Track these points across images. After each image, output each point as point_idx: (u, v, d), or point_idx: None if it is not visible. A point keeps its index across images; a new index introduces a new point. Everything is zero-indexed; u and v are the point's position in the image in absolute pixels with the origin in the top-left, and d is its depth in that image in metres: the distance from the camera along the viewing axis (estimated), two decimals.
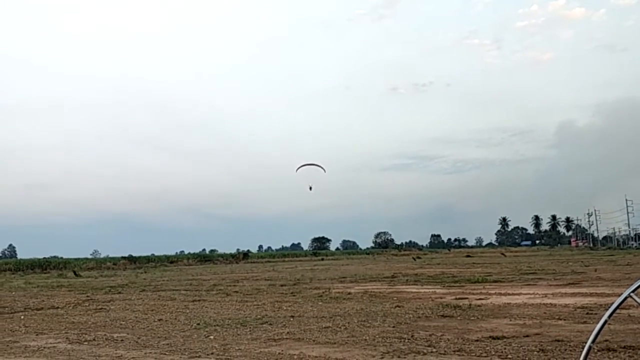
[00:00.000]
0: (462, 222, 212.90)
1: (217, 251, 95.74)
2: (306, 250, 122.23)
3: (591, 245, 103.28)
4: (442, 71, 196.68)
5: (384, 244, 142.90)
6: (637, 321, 8.57)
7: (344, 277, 23.96)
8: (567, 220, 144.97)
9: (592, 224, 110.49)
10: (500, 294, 14.06)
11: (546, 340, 7.39)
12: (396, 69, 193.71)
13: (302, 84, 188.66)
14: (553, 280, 18.08)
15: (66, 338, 9.28)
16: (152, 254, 69.69)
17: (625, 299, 2.41)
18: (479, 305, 11.55)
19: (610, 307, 2.45)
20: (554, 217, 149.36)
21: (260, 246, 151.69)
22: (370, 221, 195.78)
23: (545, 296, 13.10)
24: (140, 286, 22.36)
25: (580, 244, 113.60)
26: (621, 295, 2.42)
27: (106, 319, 11.62)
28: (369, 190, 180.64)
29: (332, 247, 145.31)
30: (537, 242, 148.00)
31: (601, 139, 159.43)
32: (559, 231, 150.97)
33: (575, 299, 12.16)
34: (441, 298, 13.42)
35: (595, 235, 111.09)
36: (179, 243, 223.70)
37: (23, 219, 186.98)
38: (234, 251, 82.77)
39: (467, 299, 12.84)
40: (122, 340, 8.78)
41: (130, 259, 59.38)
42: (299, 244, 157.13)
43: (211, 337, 8.76)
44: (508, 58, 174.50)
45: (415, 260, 49.61)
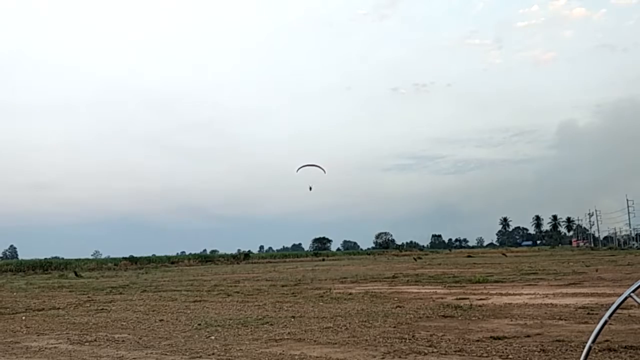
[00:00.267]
0: (463, 222, 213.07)
1: (218, 252, 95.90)
2: (307, 250, 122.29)
3: (592, 245, 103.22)
4: (442, 71, 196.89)
5: (384, 244, 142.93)
6: (638, 321, 8.56)
7: (344, 278, 23.97)
8: (568, 220, 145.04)
9: (593, 224, 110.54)
10: (501, 294, 14.06)
11: (547, 341, 7.40)
12: (397, 69, 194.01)
13: (303, 83, 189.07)
14: (554, 281, 18.07)
15: (67, 339, 9.29)
16: (153, 255, 69.75)
17: (625, 299, 2.41)
18: (479, 306, 11.55)
19: (610, 308, 2.46)
20: (554, 217, 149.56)
21: (261, 247, 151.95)
22: (371, 221, 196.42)
23: (546, 296, 13.10)
24: (141, 287, 22.39)
25: (581, 244, 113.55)
26: (621, 295, 2.42)
27: (107, 320, 11.64)
28: (370, 190, 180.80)
29: (333, 247, 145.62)
30: (538, 242, 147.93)
31: (602, 139, 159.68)
32: (560, 231, 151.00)
33: (576, 299, 12.16)
34: (442, 298, 13.42)
35: (596, 235, 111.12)
36: (180, 243, 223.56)
37: (24, 220, 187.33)
38: (235, 252, 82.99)
39: (468, 299, 12.83)
40: (123, 341, 8.80)
41: (132, 259, 59.47)
42: (299, 244, 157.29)
43: (212, 337, 8.77)
44: (509, 58, 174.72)
45: (416, 260, 49.60)
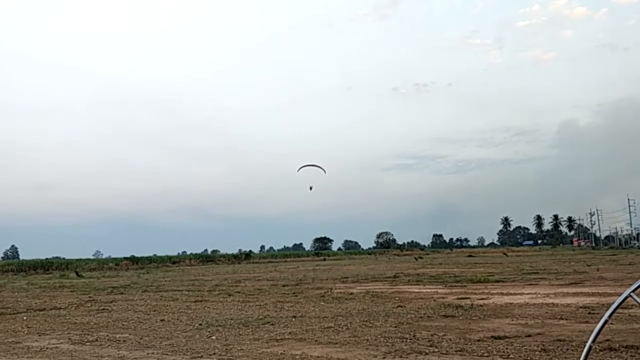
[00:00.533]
0: (464, 222, 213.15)
1: (219, 251, 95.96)
2: (308, 250, 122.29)
3: (593, 244, 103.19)
4: (443, 71, 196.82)
5: (385, 244, 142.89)
6: (638, 321, 8.56)
7: (345, 277, 23.96)
8: (569, 219, 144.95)
9: (594, 224, 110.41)
10: (502, 293, 14.05)
11: (548, 340, 7.40)
12: (398, 69, 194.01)
13: (304, 83, 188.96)
14: (555, 280, 18.06)
15: (68, 339, 9.30)
16: (154, 255, 69.84)
17: (626, 298, 2.42)
18: (481, 305, 11.55)
19: (611, 307, 2.46)
20: (556, 217, 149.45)
21: (262, 246, 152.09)
22: (372, 221, 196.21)
23: (547, 296, 13.10)
24: (142, 287, 22.40)
25: (583, 243, 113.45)
26: (621, 295, 2.42)
27: (108, 320, 11.65)
28: (371, 190, 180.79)
29: (334, 247, 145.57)
30: (539, 241, 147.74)
31: (603, 139, 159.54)
32: (561, 231, 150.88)
33: (577, 299, 12.15)
34: (443, 298, 13.42)
35: (598, 234, 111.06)
36: (181, 243, 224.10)
37: (25, 220, 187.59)
38: (236, 251, 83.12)
39: (469, 298, 12.83)
40: (124, 341, 8.81)
41: (133, 259, 59.53)
42: (301, 244, 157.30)
43: (213, 337, 8.77)
44: (509, 58, 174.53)
45: (417, 260, 49.57)
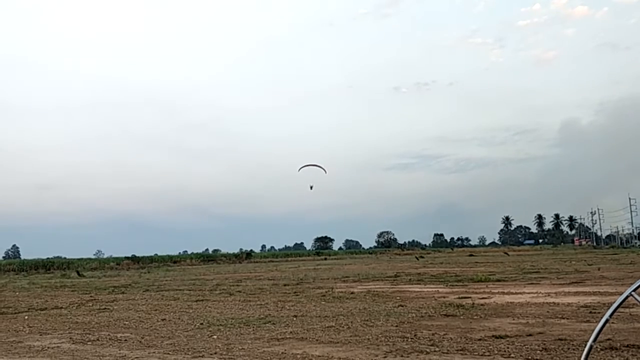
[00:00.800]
0: (465, 221, 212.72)
1: (220, 251, 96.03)
2: (309, 249, 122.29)
3: (594, 244, 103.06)
4: (444, 70, 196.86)
5: (386, 243, 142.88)
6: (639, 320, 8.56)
7: (346, 277, 23.97)
8: (571, 219, 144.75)
9: (595, 223, 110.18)
10: (503, 293, 14.04)
11: (549, 339, 7.39)
12: (399, 68, 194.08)
13: (304, 83, 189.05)
14: (556, 279, 18.06)
15: (70, 338, 9.32)
16: (155, 254, 70.03)
17: (627, 298, 2.41)
18: (482, 305, 11.55)
19: (612, 306, 2.46)
20: (557, 216, 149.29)
21: (263, 246, 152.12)
22: (373, 221, 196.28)
23: (549, 295, 13.09)
24: (143, 286, 22.43)
25: (584, 242, 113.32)
26: (622, 294, 2.42)
27: (110, 319, 11.66)
28: (372, 189, 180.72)
29: (335, 246, 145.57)
30: (540, 241, 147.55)
31: (604, 138, 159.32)
32: (562, 230, 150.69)
33: (579, 298, 12.15)
34: (444, 297, 13.42)
35: (599, 234, 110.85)
36: (182, 243, 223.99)
37: (26, 220, 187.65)
38: (237, 251, 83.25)
39: (470, 298, 12.83)
40: (125, 340, 8.82)
41: (134, 259, 59.64)
42: (301, 243, 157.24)
43: (214, 336, 8.78)
44: (511, 57, 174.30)
45: (418, 259, 49.57)
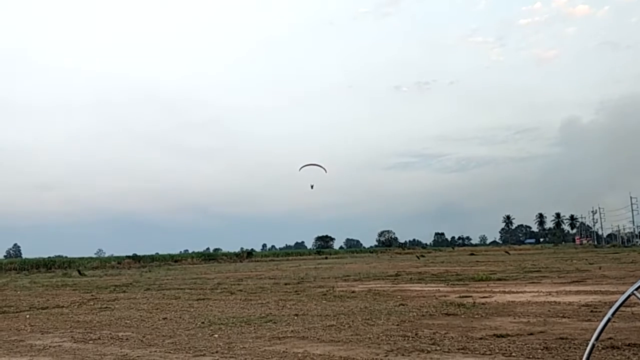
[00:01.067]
0: (466, 220, 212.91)
1: (221, 250, 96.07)
2: (310, 248, 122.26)
3: (595, 243, 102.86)
4: (445, 69, 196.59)
5: (387, 242, 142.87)
6: None
7: (347, 276, 23.97)
8: (572, 218, 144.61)
9: (596, 222, 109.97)
10: (505, 292, 14.03)
11: (550, 338, 7.39)
12: (399, 67, 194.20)
13: (305, 82, 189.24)
14: (557, 278, 18.04)
15: (71, 337, 9.32)
16: (157, 253, 70.20)
17: (629, 297, 2.41)
18: (483, 304, 11.54)
19: (614, 305, 2.46)
20: (558, 215, 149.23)
21: (264, 245, 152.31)
22: (373, 220, 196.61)
23: (550, 294, 13.08)
24: (144, 285, 22.44)
25: (585, 241, 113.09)
26: (624, 293, 2.42)
27: (111, 318, 11.67)
28: (373, 188, 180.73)
29: (336, 245, 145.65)
30: (541, 240, 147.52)
31: (605, 136, 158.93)
32: (563, 229, 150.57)
33: (580, 297, 12.14)
34: (445, 296, 13.42)
35: (600, 233, 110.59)
36: (183, 242, 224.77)
37: (28, 219, 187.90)
38: (238, 250, 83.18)
39: (471, 297, 12.82)
40: (127, 339, 8.82)
41: (135, 257, 59.68)
42: (302, 242, 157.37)
43: (216, 335, 8.79)
44: (511, 56, 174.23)
45: (419, 258, 49.55)
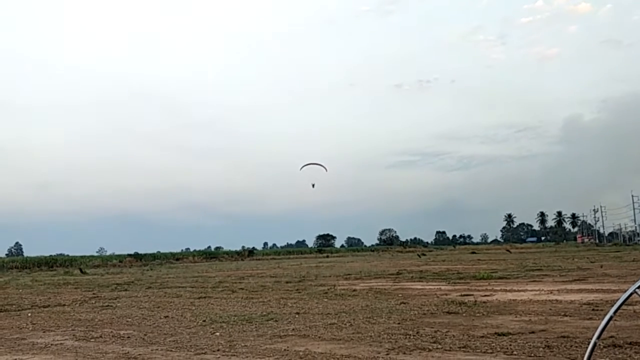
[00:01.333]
0: (467, 218, 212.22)
1: (222, 248, 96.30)
2: (311, 247, 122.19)
3: (597, 241, 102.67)
4: (446, 67, 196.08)
5: (388, 240, 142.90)
6: None
7: (349, 274, 23.97)
8: (573, 216, 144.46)
9: (598, 220, 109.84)
10: (506, 290, 14.02)
11: (552, 337, 7.38)
12: (400, 66, 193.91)
13: (306, 80, 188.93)
14: (559, 277, 18.02)
15: (73, 335, 9.34)
16: (158, 251, 70.18)
17: (631, 295, 2.41)
18: (484, 302, 11.54)
19: (615, 304, 2.45)
20: (559, 214, 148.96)
21: (266, 243, 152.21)
22: (375, 218, 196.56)
23: (551, 292, 13.07)
24: (146, 283, 22.46)
25: (586, 240, 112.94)
26: (626, 291, 2.42)
27: (112, 316, 11.68)
28: (374, 187, 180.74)
29: (337, 244, 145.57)
30: (542, 238, 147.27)
31: (607, 135, 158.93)
32: (564, 227, 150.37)
33: (581, 295, 12.13)
34: (446, 295, 13.41)
35: (601, 231, 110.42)
36: (185, 240, 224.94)
37: (29, 217, 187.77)
38: (239, 248, 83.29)
39: (472, 295, 12.81)
40: (128, 337, 8.83)
41: (136, 256, 59.80)
42: (304, 241, 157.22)
43: (217, 333, 8.79)
44: (513, 54, 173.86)
45: (420, 257, 49.54)
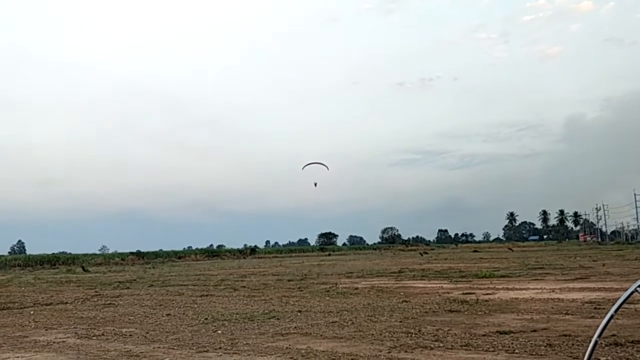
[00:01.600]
0: (470, 217, 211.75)
1: (224, 246, 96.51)
2: (313, 245, 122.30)
3: (599, 240, 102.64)
4: (449, 66, 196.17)
5: (390, 239, 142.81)
6: None
7: (350, 273, 23.99)
8: (575, 215, 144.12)
9: (600, 219, 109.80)
10: (508, 289, 14.03)
11: (553, 335, 7.38)
12: (403, 64, 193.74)
13: (309, 79, 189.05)
14: (561, 275, 18.02)
15: (75, 333, 9.36)
16: (160, 250, 70.37)
17: (632, 293, 2.41)
18: (486, 300, 11.54)
19: (617, 302, 2.45)
20: (561, 212, 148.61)
21: (268, 241, 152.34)
22: (377, 216, 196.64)
23: (553, 291, 13.07)
24: (148, 281, 22.51)
25: (589, 238, 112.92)
26: (627, 290, 2.41)
27: (115, 314, 11.71)
28: (376, 185, 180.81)
29: (339, 242, 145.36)
30: (544, 237, 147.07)
31: (610, 133, 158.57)
32: (566, 226, 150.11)
33: (583, 294, 12.12)
34: (448, 293, 13.41)
35: (604, 230, 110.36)
36: (187, 238, 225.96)
37: (32, 215, 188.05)
38: (241, 246, 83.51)
39: (474, 294, 12.82)
40: (130, 335, 8.85)
41: (138, 254, 59.96)
42: (306, 239, 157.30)
43: (219, 331, 8.81)
44: (515, 52, 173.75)
45: (422, 255, 49.55)
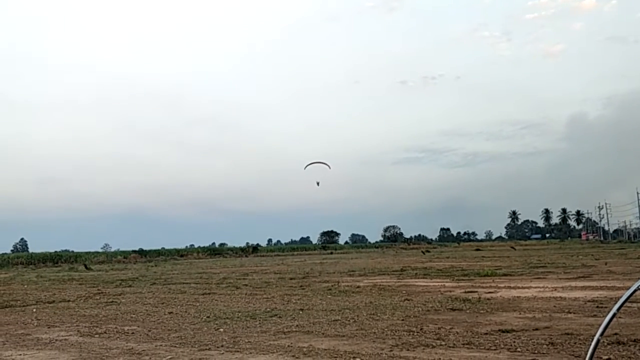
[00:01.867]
0: (472, 215, 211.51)
1: (226, 245, 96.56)
2: (315, 244, 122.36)
3: (602, 238, 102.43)
4: (451, 64, 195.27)
5: (393, 237, 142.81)
6: None
7: (352, 271, 24.00)
8: (578, 213, 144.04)
9: (602, 217, 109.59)
10: (510, 287, 14.02)
11: (556, 334, 7.37)
12: (405, 62, 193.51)
13: (310, 78, 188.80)
14: (563, 274, 17.99)
15: (77, 331, 9.38)
16: (163, 248, 70.39)
17: (634, 292, 2.40)
18: (488, 299, 11.53)
19: (619, 301, 2.44)
20: (564, 211, 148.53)
21: (270, 240, 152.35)
22: (379, 215, 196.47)
23: (555, 290, 13.05)
24: (150, 279, 22.56)
25: (591, 237, 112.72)
26: (630, 288, 2.41)
27: (117, 312, 11.74)
28: (378, 184, 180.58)
29: (341, 240, 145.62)
30: (547, 235, 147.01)
31: (612, 132, 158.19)
32: (569, 224, 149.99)
33: (586, 293, 12.11)
34: (450, 291, 13.41)
35: (606, 228, 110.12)
36: (189, 237, 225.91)
37: (34, 213, 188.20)
38: (243, 245, 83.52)
39: (476, 292, 12.81)
40: (132, 333, 8.87)
41: (141, 252, 60.06)
42: (308, 237, 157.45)
43: (221, 329, 8.82)
44: (518, 50, 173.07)
45: (424, 253, 49.55)
